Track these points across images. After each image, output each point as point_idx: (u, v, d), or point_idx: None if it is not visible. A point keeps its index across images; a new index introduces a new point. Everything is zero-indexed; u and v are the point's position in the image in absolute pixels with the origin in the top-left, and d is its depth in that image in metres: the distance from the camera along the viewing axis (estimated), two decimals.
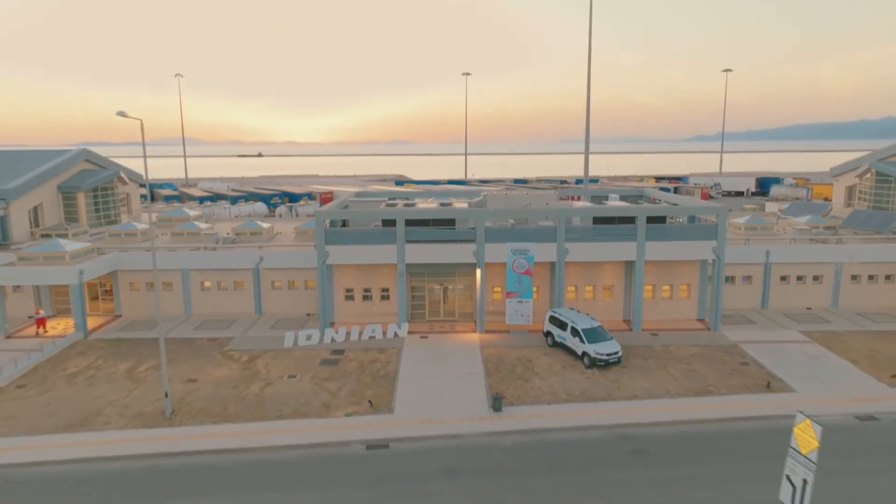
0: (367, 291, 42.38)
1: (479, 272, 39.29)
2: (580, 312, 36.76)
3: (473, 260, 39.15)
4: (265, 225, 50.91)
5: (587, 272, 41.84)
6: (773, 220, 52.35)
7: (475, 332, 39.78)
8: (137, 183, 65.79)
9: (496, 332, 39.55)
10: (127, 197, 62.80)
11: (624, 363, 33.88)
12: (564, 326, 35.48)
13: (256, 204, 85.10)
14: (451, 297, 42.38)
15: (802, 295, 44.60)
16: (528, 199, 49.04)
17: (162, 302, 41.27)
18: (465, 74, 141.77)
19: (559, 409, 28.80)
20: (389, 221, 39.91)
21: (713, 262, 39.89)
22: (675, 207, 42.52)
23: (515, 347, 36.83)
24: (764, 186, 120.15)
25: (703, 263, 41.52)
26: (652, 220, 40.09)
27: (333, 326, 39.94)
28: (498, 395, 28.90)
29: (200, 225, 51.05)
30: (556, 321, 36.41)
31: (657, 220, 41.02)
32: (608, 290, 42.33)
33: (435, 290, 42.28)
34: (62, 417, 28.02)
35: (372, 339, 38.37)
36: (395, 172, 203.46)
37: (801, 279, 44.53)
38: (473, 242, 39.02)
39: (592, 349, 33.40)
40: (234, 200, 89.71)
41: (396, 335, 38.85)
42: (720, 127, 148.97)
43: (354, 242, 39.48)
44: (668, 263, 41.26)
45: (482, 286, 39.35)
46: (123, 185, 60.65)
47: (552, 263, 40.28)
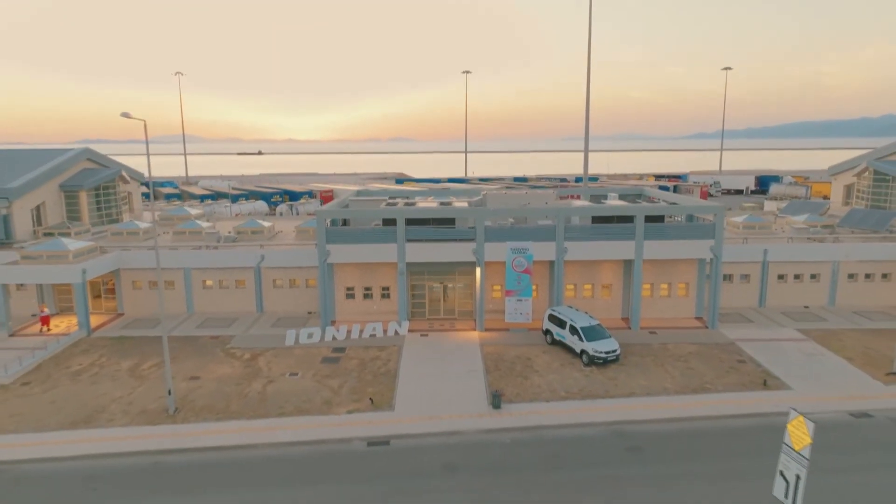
0: (367, 290, 42.70)
1: (478, 271, 39.60)
2: (579, 311, 37.04)
3: (473, 259, 39.45)
4: (266, 224, 51.16)
5: (586, 271, 42.16)
6: (771, 218, 52.57)
7: (475, 330, 40.11)
8: (139, 181, 66.08)
9: (496, 330, 39.87)
10: (128, 196, 63.07)
11: (622, 361, 34.21)
12: (563, 325, 35.79)
13: (257, 202, 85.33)
14: (451, 295, 42.69)
15: (800, 293, 44.91)
16: (527, 198, 49.30)
17: (164, 300, 41.61)
18: (465, 72, 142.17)
19: (558, 406, 29.14)
20: (390, 220, 40.17)
21: (711, 260, 40.17)
22: (673, 207, 42.76)
23: (515, 345, 37.16)
24: (763, 185, 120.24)
25: (701, 262, 41.78)
26: (650, 219, 40.42)
27: (334, 324, 40.26)
28: (497, 392, 29.24)
29: (202, 224, 51.33)
30: (555, 319, 36.73)
31: (655, 219, 41.31)
32: (607, 288, 42.65)
33: (435, 288, 42.59)
34: (67, 414, 28.39)
35: (373, 337, 38.69)
36: (395, 170, 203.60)
37: (798, 278, 44.85)
38: (473, 241, 39.31)
39: (591, 347, 33.72)
40: (234, 199, 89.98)
41: (397, 333, 39.18)
42: (720, 125, 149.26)
43: (355, 241, 39.78)
44: (666, 262, 41.57)
45: (482, 285, 39.66)
46: (125, 183, 60.93)
47: (551, 262, 40.58)
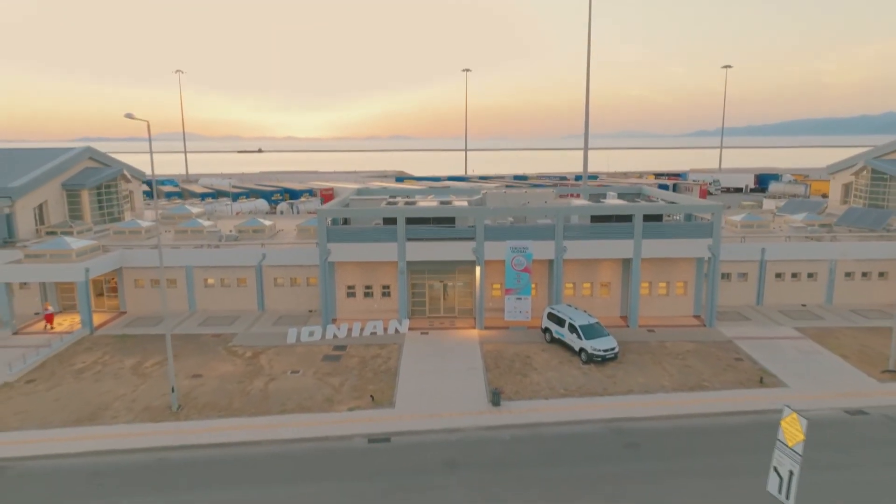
0: (368, 288, 43.01)
1: (478, 269, 39.89)
2: (578, 309, 37.32)
3: (473, 257, 39.74)
4: (267, 222, 51.44)
5: (585, 269, 42.46)
6: (769, 217, 52.86)
7: (475, 328, 40.41)
8: (139, 180, 66.34)
9: (495, 328, 40.17)
10: (130, 194, 63.36)
11: (620, 359, 34.52)
12: (562, 323, 36.09)
13: (258, 201, 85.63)
14: (451, 293, 42.99)
15: (797, 292, 45.20)
16: (526, 197, 49.56)
17: (167, 299, 41.89)
18: (464, 71, 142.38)
19: (556, 403, 29.46)
20: (390, 219, 40.43)
21: (709, 259, 40.46)
22: (671, 206, 43.01)
23: (514, 343, 37.47)
24: (763, 183, 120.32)
25: (699, 261, 42.07)
26: (648, 218, 40.69)
27: (335, 323, 40.56)
28: (497, 389, 29.54)
29: (203, 222, 51.62)
30: (554, 318, 37.02)
31: (654, 218, 41.55)
32: (606, 287, 42.96)
33: (435, 287, 42.88)
34: (72, 412, 28.71)
35: (373, 335, 39.00)
36: (395, 168, 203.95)
37: (795, 276, 45.14)
38: (473, 240, 39.60)
39: (589, 345, 34.02)
40: (235, 197, 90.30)
41: (397, 331, 39.49)
42: (721, 122, 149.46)
43: (356, 240, 40.06)
44: (664, 261, 41.86)
45: (482, 283, 39.95)
46: (127, 182, 61.21)
47: (550, 261, 40.88)
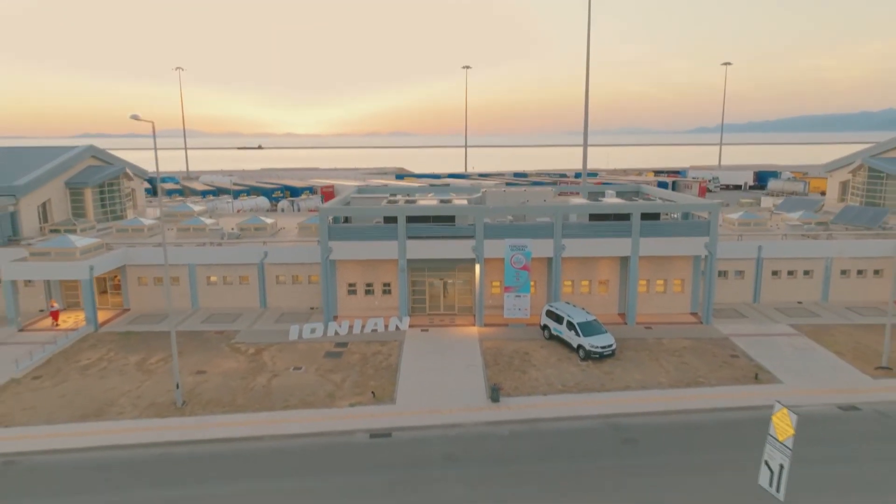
0: (369, 286, 43.44)
1: (478, 267, 40.29)
2: (576, 307, 37.78)
3: (473, 255, 40.14)
4: (269, 220, 51.85)
5: (583, 267, 42.87)
6: (766, 215, 53.26)
7: (474, 325, 40.84)
8: (141, 178, 66.72)
9: (495, 325, 40.61)
10: (132, 192, 63.77)
11: (618, 355, 34.97)
12: (561, 320, 36.53)
13: (258, 198, 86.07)
14: (451, 291, 43.41)
15: (793, 289, 45.62)
16: (525, 195, 49.94)
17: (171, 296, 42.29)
18: (465, 67, 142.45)
19: (555, 399, 29.92)
20: (391, 218, 40.82)
21: (706, 257, 40.87)
22: (668, 204, 43.41)
23: (513, 340, 37.91)
24: (762, 180, 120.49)
25: (696, 259, 42.48)
26: (646, 216, 41.04)
27: (337, 320, 40.99)
28: (496, 386, 29.99)
29: (206, 220, 52.01)
30: (552, 315, 37.46)
31: (651, 216, 41.93)
32: (604, 284, 43.40)
33: (435, 284, 43.31)
34: (78, 407, 29.19)
35: (374, 332, 39.44)
36: (395, 165, 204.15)
37: (792, 274, 45.53)
38: (473, 238, 39.99)
39: (587, 342, 34.48)
40: (236, 195, 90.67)
41: (398, 328, 39.95)
42: (722, 119, 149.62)
43: (357, 238, 40.45)
44: (662, 259, 42.26)
45: (481, 281, 40.36)
46: (129, 180, 61.62)
47: (549, 259, 41.29)
